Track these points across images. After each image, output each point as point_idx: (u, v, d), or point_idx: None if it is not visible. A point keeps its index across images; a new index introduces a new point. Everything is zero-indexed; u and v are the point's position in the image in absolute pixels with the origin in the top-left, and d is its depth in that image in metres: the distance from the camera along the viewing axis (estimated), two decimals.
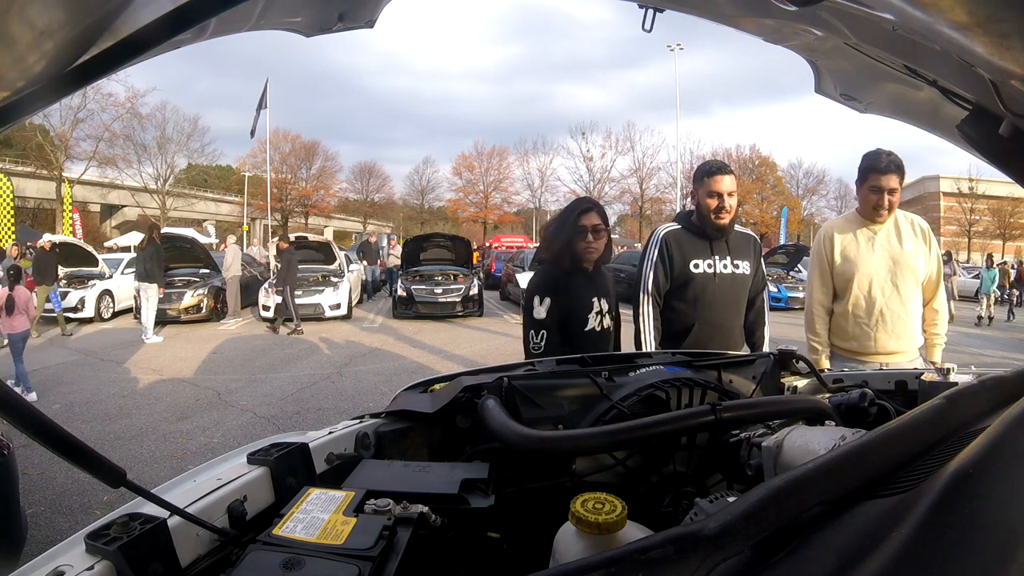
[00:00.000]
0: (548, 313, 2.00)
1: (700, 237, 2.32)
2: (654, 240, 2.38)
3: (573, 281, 2.06)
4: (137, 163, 33.38)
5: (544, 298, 2.02)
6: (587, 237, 2.04)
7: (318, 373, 6.71)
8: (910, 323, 2.40)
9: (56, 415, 4.86)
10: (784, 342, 1.42)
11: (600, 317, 2.08)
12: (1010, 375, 0.73)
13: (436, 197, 46.77)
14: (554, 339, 1.99)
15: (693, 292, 2.27)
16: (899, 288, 2.38)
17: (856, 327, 2.42)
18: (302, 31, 1.25)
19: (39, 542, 2.72)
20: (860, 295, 2.40)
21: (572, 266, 2.07)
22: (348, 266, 12.33)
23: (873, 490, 0.49)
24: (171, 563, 0.59)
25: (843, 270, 2.43)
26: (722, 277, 2.29)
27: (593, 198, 2.29)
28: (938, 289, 2.48)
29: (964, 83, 0.88)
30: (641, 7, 1.24)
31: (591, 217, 2.07)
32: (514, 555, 0.78)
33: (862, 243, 2.42)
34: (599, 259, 2.12)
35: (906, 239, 2.40)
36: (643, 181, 40.33)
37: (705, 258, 2.29)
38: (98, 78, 0.55)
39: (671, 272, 2.29)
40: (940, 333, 2.50)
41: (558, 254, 2.08)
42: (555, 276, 2.07)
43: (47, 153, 27.19)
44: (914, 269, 2.38)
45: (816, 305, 2.51)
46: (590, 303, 2.05)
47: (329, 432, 0.92)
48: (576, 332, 2.01)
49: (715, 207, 2.26)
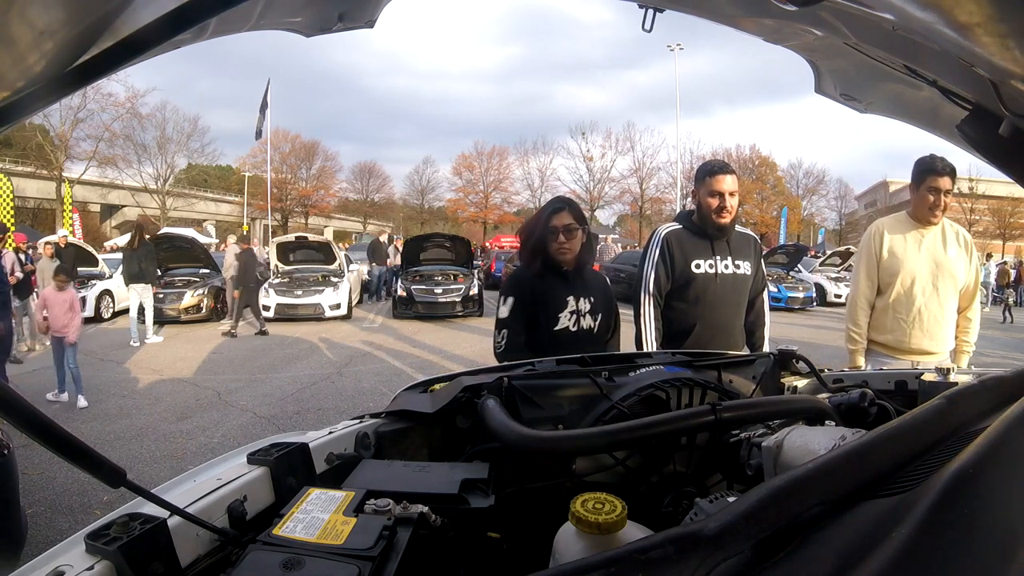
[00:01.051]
0: (511, 312, 2.02)
1: (701, 237, 2.31)
2: (655, 240, 2.37)
3: (544, 281, 2.05)
4: (137, 163, 33.37)
5: (508, 298, 2.04)
6: (558, 237, 2.01)
7: (318, 373, 6.71)
8: (944, 325, 2.54)
9: (56, 415, 4.86)
10: (784, 342, 1.42)
11: (577, 316, 2.05)
12: (1010, 375, 0.73)
13: (436, 197, 46.77)
14: (516, 338, 2.00)
15: (694, 292, 2.27)
16: (939, 290, 2.51)
17: (894, 322, 2.56)
18: (302, 31, 1.25)
19: (39, 542, 2.72)
20: (902, 291, 2.53)
21: (545, 267, 2.05)
22: (348, 266, 12.33)
23: (873, 490, 0.49)
24: (171, 563, 0.59)
25: (889, 265, 2.55)
26: (723, 277, 2.29)
27: (567, 197, 2.25)
28: (974, 299, 2.62)
29: (964, 83, 0.88)
30: (641, 7, 1.24)
31: (562, 217, 2.04)
32: (514, 555, 0.78)
33: (910, 243, 2.54)
34: (580, 259, 2.09)
35: (950, 246, 2.53)
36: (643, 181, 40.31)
37: (706, 258, 2.29)
38: (98, 78, 0.55)
39: (672, 272, 2.29)
40: (970, 341, 2.64)
41: (530, 255, 2.08)
42: (521, 277, 2.09)
43: (47, 153, 27.18)
44: (955, 275, 2.52)
45: (860, 297, 2.64)
46: (563, 302, 2.03)
47: (329, 432, 0.92)
48: (544, 331, 2.00)
49: (716, 207, 2.26)
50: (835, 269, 15.27)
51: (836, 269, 15.26)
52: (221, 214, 42.26)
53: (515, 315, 2.02)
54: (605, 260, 15.44)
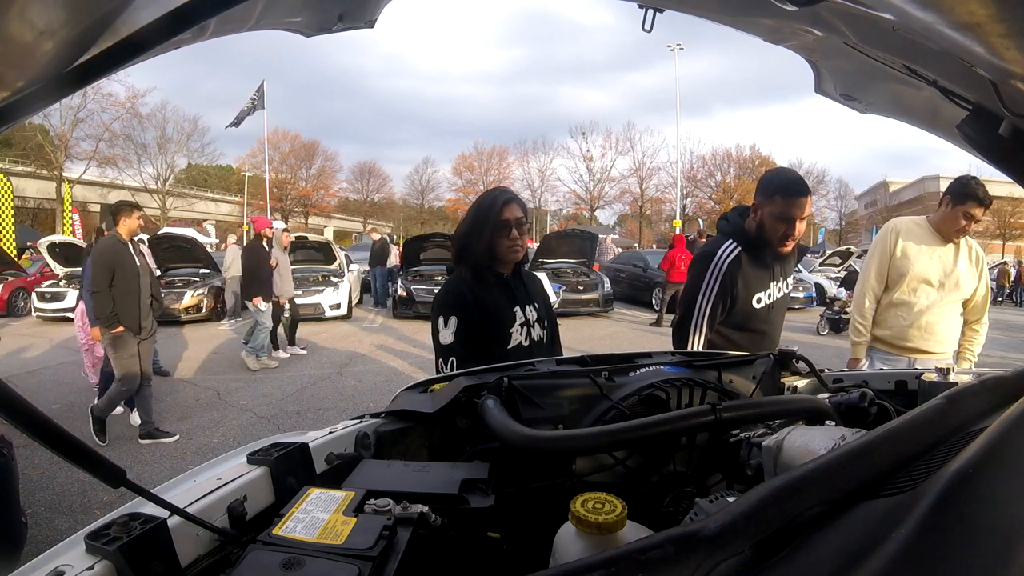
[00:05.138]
0: (456, 335, 1.64)
1: (762, 265, 2.01)
2: (716, 268, 1.99)
3: (486, 292, 1.70)
4: (137, 163, 33.44)
5: (449, 318, 1.65)
6: (511, 233, 1.69)
7: (318, 373, 6.71)
8: (944, 331, 2.59)
9: (56, 415, 4.86)
10: (784, 342, 1.42)
11: (527, 329, 1.74)
12: (1010, 375, 0.73)
13: (436, 197, 46.85)
14: (468, 366, 1.46)
15: (750, 325, 2.03)
16: (943, 299, 2.56)
17: (896, 319, 2.61)
18: (302, 31, 1.25)
19: (39, 542, 2.72)
20: (907, 292, 2.59)
21: (488, 273, 1.72)
22: (348, 266, 12.33)
23: (873, 490, 0.49)
24: (171, 563, 0.59)
25: (900, 264, 2.60)
26: (776, 302, 2.07)
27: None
28: (984, 311, 2.66)
29: (964, 83, 0.88)
30: (641, 7, 1.24)
31: (514, 209, 1.71)
32: (514, 555, 0.78)
33: (924, 249, 2.58)
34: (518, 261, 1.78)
35: (962, 259, 2.57)
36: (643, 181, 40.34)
37: (766, 289, 2.02)
38: (98, 78, 0.55)
39: (731, 307, 2.00)
40: (974, 350, 2.68)
41: (480, 258, 1.71)
42: (458, 290, 1.69)
43: (47, 153, 27.20)
44: (960, 287, 2.56)
45: (868, 291, 2.68)
46: (511, 315, 1.71)
47: (329, 432, 0.92)
48: (497, 352, 1.64)
49: (783, 233, 1.92)
50: (835, 269, 15.27)
51: (836, 269, 15.26)
52: (221, 214, 42.28)
53: (461, 339, 1.64)
54: (605, 260, 15.44)
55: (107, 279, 4.16)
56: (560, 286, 11.16)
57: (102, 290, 4.15)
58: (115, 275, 4.18)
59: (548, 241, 12.81)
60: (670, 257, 10.40)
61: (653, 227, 42.56)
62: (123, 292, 4.21)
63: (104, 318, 4.16)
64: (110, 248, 4.26)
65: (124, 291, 4.22)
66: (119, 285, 4.19)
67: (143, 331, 4.36)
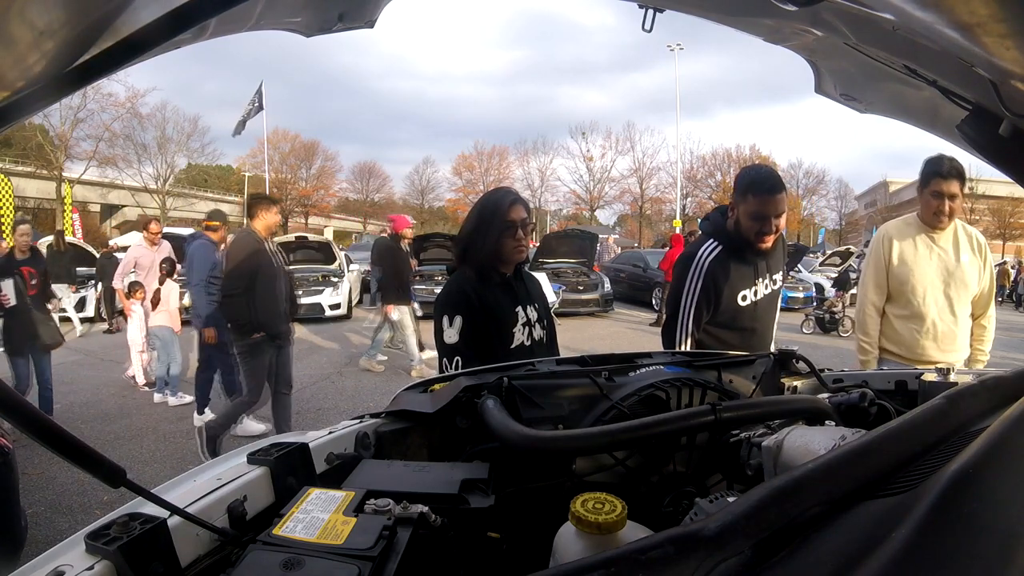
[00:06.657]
0: (461, 335, 1.65)
1: (744, 262, 2.02)
2: (696, 269, 2.00)
3: (488, 292, 1.71)
4: (137, 163, 33.40)
5: (454, 318, 1.66)
6: (517, 234, 1.72)
7: (318, 373, 6.71)
8: (959, 336, 2.43)
9: (56, 415, 4.86)
10: (784, 342, 1.42)
11: (529, 328, 1.76)
12: (1010, 375, 0.73)
13: (436, 197, 46.84)
14: (472, 365, 1.52)
15: (737, 323, 2.04)
16: (951, 301, 2.39)
17: (906, 331, 2.44)
18: (302, 31, 1.25)
19: (39, 542, 2.72)
20: (913, 302, 2.41)
21: (491, 273, 1.74)
22: (348, 266, 12.33)
23: (873, 490, 0.49)
24: (171, 563, 0.58)
25: (899, 272, 2.43)
26: (764, 298, 2.06)
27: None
28: (989, 305, 2.49)
29: (964, 83, 0.88)
30: (641, 7, 1.24)
31: (520, 210, 1.74)
32: (514, 555, 0.78)
33: (920, 249, 2.41)
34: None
35: (963, 251, 2.39)
36: (643, 181, 40.34)
37: (751, 286, 2.02)
38: (98, 78, 0.55)
39: (715, 307, 2.01)
40: (984, 349, 2.53)
41: (484, 258, 1.72)
42: (463, 289, 1.71)
43: (47, 153, 27.19)
44: (968, 284, 2.39)
45: (869, 306, 2.52)
46: (513, 315, 1.73)
47: (329, 432, 0.92)
48: (500, 352, 1.66)
49: (757, 231, 1.92)
50: (835, 269, 15.28)
51: (836, 269, 15.27)
52: None
53: (467, 338, 1.65)
54: (605, 260, 15.45)
55: (245, 282, 3.71)
56: (560, 286, 11.16)
57: (239, 293, 3.72)
58: (256, 278, 3.73)
59: (548, 241, 12.82)
60: (670, 257, 10.42)
61: (653, 227, 42.56)
62: (263, 296, 3.77)
63: (241, 324, 3.77)
64: (249, 247, 3.76)
65: (264, 295, 3.77)
66: (259, 288, 3.75)
67: (281, 336, 3.98)
